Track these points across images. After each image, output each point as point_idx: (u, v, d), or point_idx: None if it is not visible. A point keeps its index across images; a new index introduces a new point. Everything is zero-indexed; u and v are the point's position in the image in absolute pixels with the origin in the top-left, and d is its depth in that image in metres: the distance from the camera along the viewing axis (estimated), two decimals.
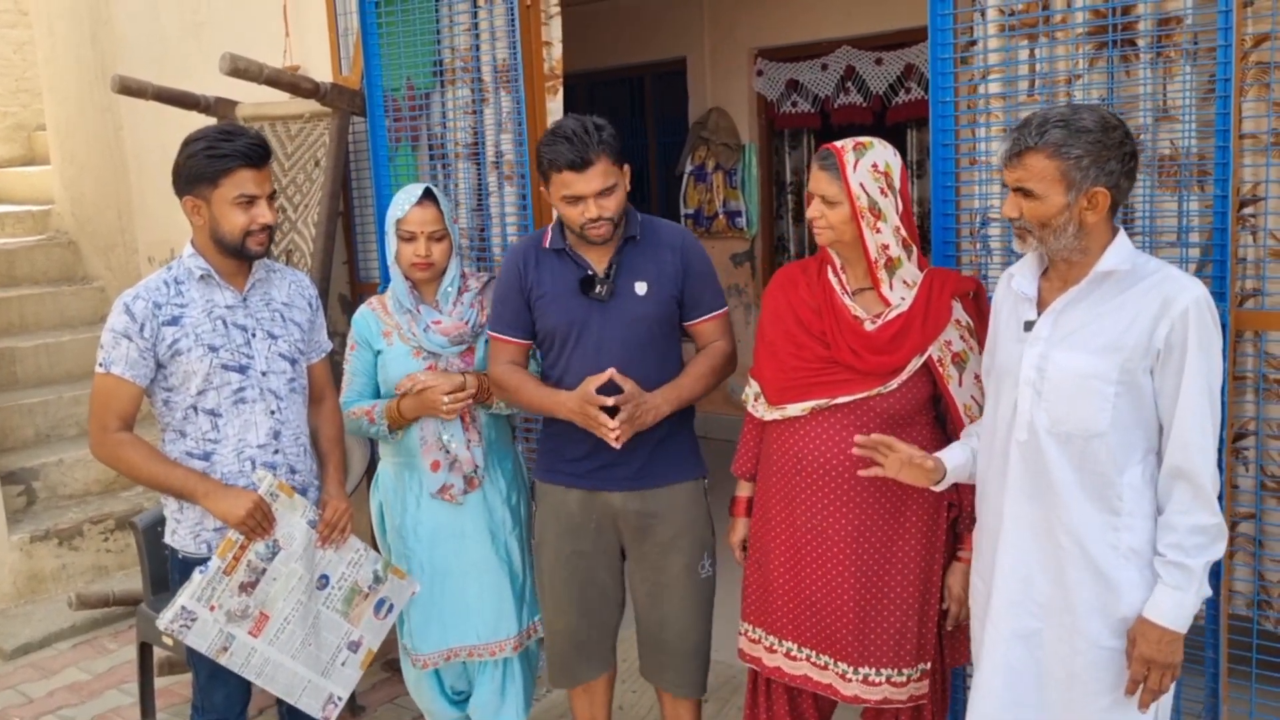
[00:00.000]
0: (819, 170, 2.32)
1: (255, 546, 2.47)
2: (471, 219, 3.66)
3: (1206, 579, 1.95)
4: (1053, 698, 2.07)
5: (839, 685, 2.40)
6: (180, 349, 2.43)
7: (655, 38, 6.70)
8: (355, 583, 2.68)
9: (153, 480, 2.45)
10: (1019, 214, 1.99)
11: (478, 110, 3.59)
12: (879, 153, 2.30)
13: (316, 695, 2.62)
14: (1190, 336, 1.90)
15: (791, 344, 2.40)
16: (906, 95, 5.88)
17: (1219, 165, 2.32)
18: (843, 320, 2.34)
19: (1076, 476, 2.00)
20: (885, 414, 2.31)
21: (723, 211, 6.57)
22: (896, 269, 2.33)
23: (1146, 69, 2.41)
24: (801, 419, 2.37)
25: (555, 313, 2.64)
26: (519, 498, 3.03)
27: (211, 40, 4.46)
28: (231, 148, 2.41)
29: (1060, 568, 2.03)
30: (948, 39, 2.61)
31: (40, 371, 5.25)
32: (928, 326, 2.29)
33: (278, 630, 2.52)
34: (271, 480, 2.49)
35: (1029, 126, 1.96)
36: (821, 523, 2.36)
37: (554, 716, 3.47)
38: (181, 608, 2.40)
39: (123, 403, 2.43)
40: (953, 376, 2.32)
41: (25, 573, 4.52)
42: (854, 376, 2.31)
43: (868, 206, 2.27)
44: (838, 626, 2.37)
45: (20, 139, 7.51)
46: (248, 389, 2.50)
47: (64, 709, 3.72)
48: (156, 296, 2.44)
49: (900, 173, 2.32)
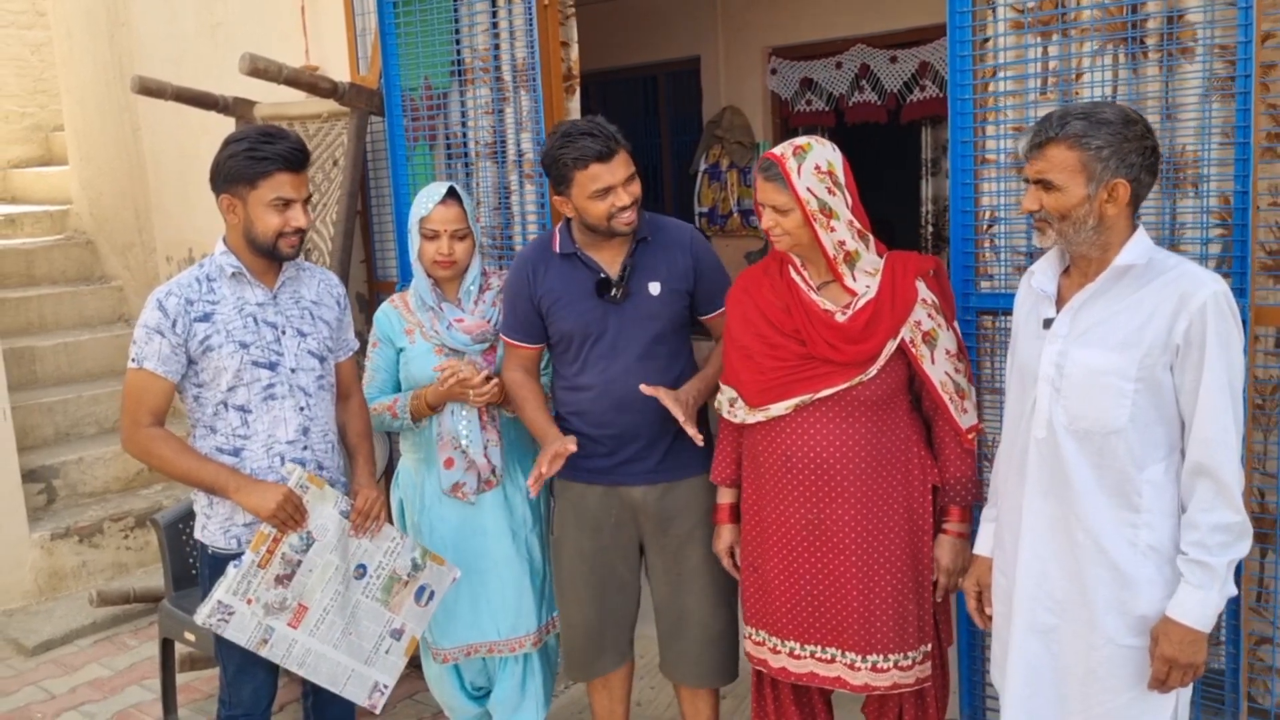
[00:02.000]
0: (764, 181, 2.34)
1: (289, 539, 2.49)
2: (490, 218, 3.68)
3: (1231, 578, 1.94)
4: (1071, 693, 2.07)
5: (847, 676, 2.41)
6: (211, 345, 2.45)
7: (669, 37, 6.70)
8: (394, 571, 2.69)
9: (184, 475, 2.47)
10: (1039, 206, 1.99)
11: (496, 110, 3.60)
12: (819, 153, 2.32)
13: (361, 684, 2.64)
14: (1209, 332, 1.90)
15: (766, 345, 2.42)
16: (921, 93, 5.87)
17: (1239, 162, 2.32)
18: (814, 315, 2.37)
19: (1094, 473, 2.00)
20: (867, 401, 2.34)
21: (737, 210, 6.57)
22: (856, 261, 2.36)
23: (1158, 66, 2.40)
24: (785, 417, 2.39)
25: (570, 317, 2.67)
26: (540, 496, 3.04)
27: (229, 40, 4.48)
28: (272, 150, 2.42)
29: (1078, 564, 2.03)
30: (966, 36, 2.62)
31: (59, 371, 5.28)
32: (896, 310, 2.33)
33: (317, 621, 2.54)
34: (301, 473, 2.51)
35: (1050, 120, 1.97)
36: (818, 517, 2.38)
37: (573, 712, 3.49)
38: (218, 602, 2.42)
39: (155, 398, 2.45)
40: (925, 355, 2.35)
41: (46, 570, 4.55)
42: (833, 369, 2.34)
43: (818, 208, 2.30)
44: (843, 617, 2.39)
45: (38, 139, 7.55)
46: (277, 385, 2.52)
47: (86, 705, 3.75)
48: (188, 293, 2.46)
49: (844, 167, 2.35)
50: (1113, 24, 2.45)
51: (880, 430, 2.37)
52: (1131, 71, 2.45)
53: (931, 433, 2.46)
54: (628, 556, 2.78)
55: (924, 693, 2.50)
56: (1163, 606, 1.97)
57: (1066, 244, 2.02)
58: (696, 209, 6.73)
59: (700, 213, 6.71)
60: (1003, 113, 2.61)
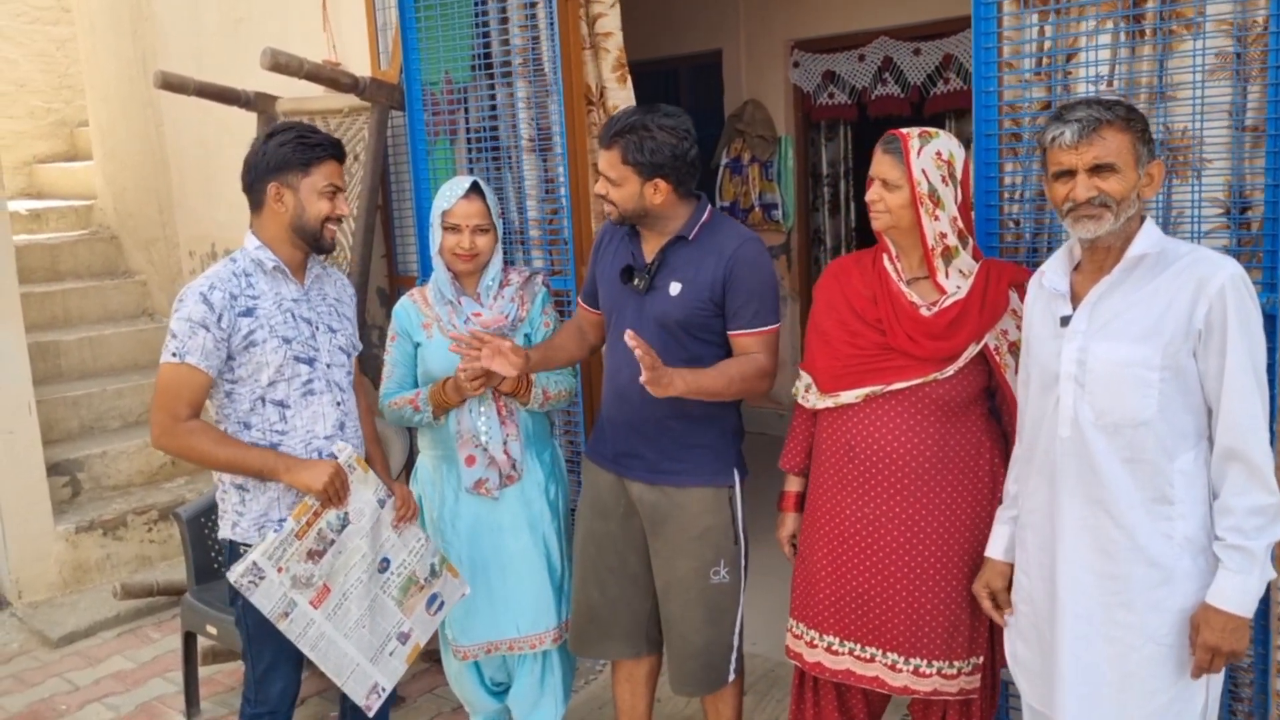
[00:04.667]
0: (882, 154, 2.32)
1: (328, 516, 2.50)
2: (510, 212, 3.67)
3: (1269, 561, 1.92)
4: (1104, 695, 2.03)
5: (887, 676, 2.38)
6: (255, 340, 2.45)
7: (690, 30, 6.67)
8: (413, 572, 2.69)
9: (227, 463, 2.45)
10: (1096, 193, 1.95)
11: (515, 104, 3.59)
12: (944, 142, 2.30)
13: (362, 681, 2.64)
14: (1230, 314, 1.88)
15: (846, 332, 2.39)
16: (945, 86, 5.82)
17: (1270, 155, 2.28)
18: (899, 306, 2.33)
19: (1126, 468, 1.97)
20: (940, 401, 2.30)
21: (759, 204, 6.54)
22: (953, 258, 2.32)
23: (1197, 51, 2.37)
24: (854, 407, 2.36)
25: (604, 294, 2.73)
26: (557, 490, 3.04)
27: (250, 35, 4.49)
28: (322, 139, 2.52)
29: (1114, 564, 2.00)
30: (991, 28, 2.59)
31: (84, 364, 5.32)
32: (985, 314, 2.28)
33: (335, 605, 2.54)
34: (351, 452, 2.53)
35: (1090, 106, 1.95)
36: (873, 511, 2.35)
37: (593, 708, 3.48)
38: (253, 563, 2.42)
39: (194, 392, 2.43)
40: (1009, 365, 2.31)
41: (71, 563, 4.59)
42: (910, 363, 2.30)
43: (927, 193, 2.27)
44: (889, 616, 2.36)
45: (63, 135, 7.60)
46: (315, 380, 2.54)
47: (110, 697, 3.77)
48: (231, 287, 2.45)
49: (964, 165, 2.32)
50: (1125, 10, 2.41)
51: (951, 434, 2.32)
52: (1159, 47, 2.41)
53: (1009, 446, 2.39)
54: (640, 549, 2.74)
55: (970, 704, 2.46)
56: (1200, 598, 1.95)
57: (1109, 233, 1.98)
58: (718, 203, 6.70)
59: (722, 207, 6.68)
60: (1031, 104, 2.58)
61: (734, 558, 2.66)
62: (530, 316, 2.95)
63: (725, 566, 2.64)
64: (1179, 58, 2.39)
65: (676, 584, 2.67)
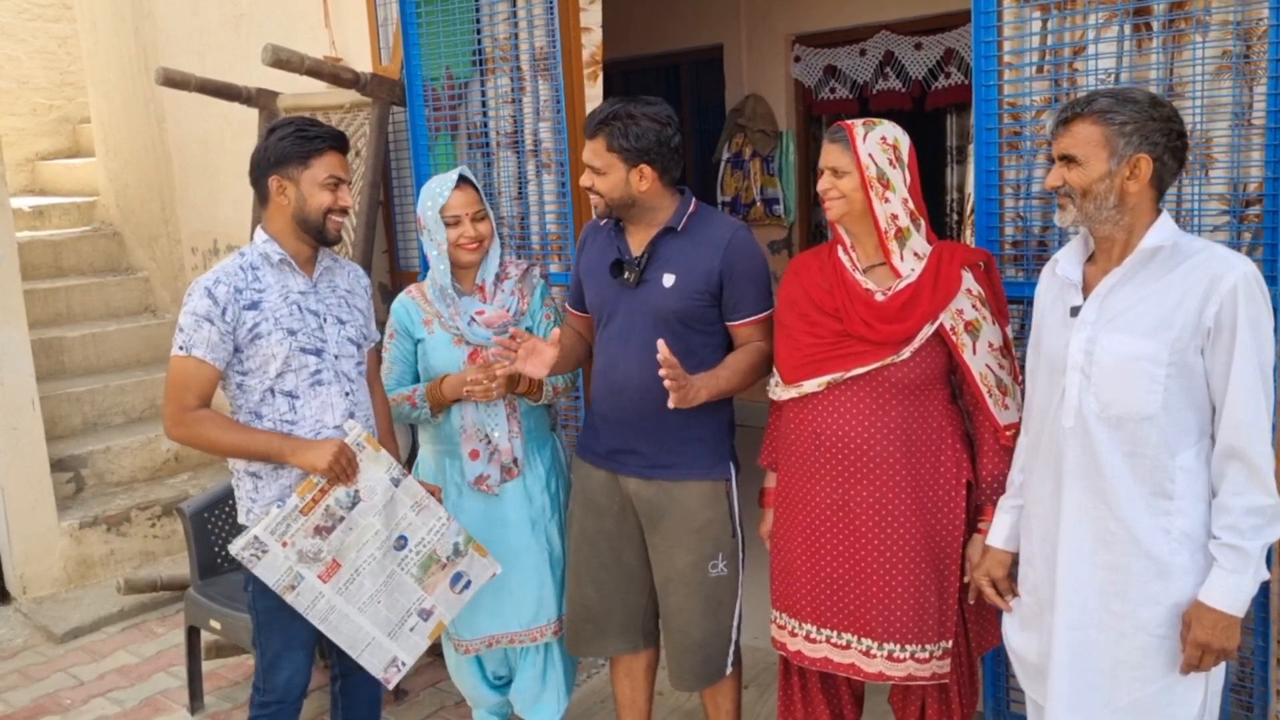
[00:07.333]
0: (829, 144, 2.37)
1: (336, 493, 2.52)
2: (511, 207, 3.68)
3: (1264, 562, 1.92)
4: (1094, 682, 2.05)
5: (861, 663, 2.40)
6: (260, 332, 2.48)
7: (692, 24, 6.67)
8: (434, 551, 2.68)
9: (236, 448, 2.50)
10: (1062, 182, 1.99)
11: (516, 99, 3.60)
12: (887, 128, 2.36)
13: (379, 655, 2.64)
14: (1240, 314, 1.88)
15: (805, 323, 2.42)
16: (946, 80, 5.81)
17: (1270, 147, 2.28)
18: (853, 293, 2.37)
19: (1127, 461, 1.98)
20: (900, 384, 2.33)
21: (760, 199, 6.54)
22: (906, 240, 2.35)
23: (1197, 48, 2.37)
24: (818, 396, 2.39)
25: (592, 291, 2.71)
26: (558, 485, 3.05)
27: (252, 32, 4.50)
28: (322, 131, 2.54)
29: (1111, 555, 2.01)
30: (991, 21, 2.59)
31: (87, 361, 5.33)
32: (937, 294, 2.31)
33: (347, 580, 2.55)
34: (360, 430, 2.55)
35: (1079, 99, 1.98)
36: (843, 497, 2.37)
37: (594, 702, 3.49)
38: (254, 537, 2.45)
39: (202, 384, 2.48)
40: (966, 344, 2.33)
41: (75, 558, 4.61)
42: (867, 348, 2.33)
43: (876, 176, 2.31)
44: (863, 602, 2.38)
45: (65, 132, 7.61)
46: (323, 371, 2.56)
47: (114, 691, 3.79)
48: (236, 281, 2.49)
49: (909, 149, 2.36)
50: (1140, 7, 2.42)
51: (913, 417, 2.35)
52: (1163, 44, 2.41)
53: (971, 428, 2.43)
54: (636, 545, 2.75)
55: (947, 689, 2.48)
56: (1195, 594, 1.95)
57: (1088, 223, 2.00)
58: (719, 198, 6.69)
59: (723, 202, 6.68)
60: (1030, 98, 2.58)
61: (732, 551, 2.67)
62: (531, 309, 2.96)
63: (724, 559, 2.65)
64: (1184, 50, 2.39)
65: (675, 578, 2.67)
